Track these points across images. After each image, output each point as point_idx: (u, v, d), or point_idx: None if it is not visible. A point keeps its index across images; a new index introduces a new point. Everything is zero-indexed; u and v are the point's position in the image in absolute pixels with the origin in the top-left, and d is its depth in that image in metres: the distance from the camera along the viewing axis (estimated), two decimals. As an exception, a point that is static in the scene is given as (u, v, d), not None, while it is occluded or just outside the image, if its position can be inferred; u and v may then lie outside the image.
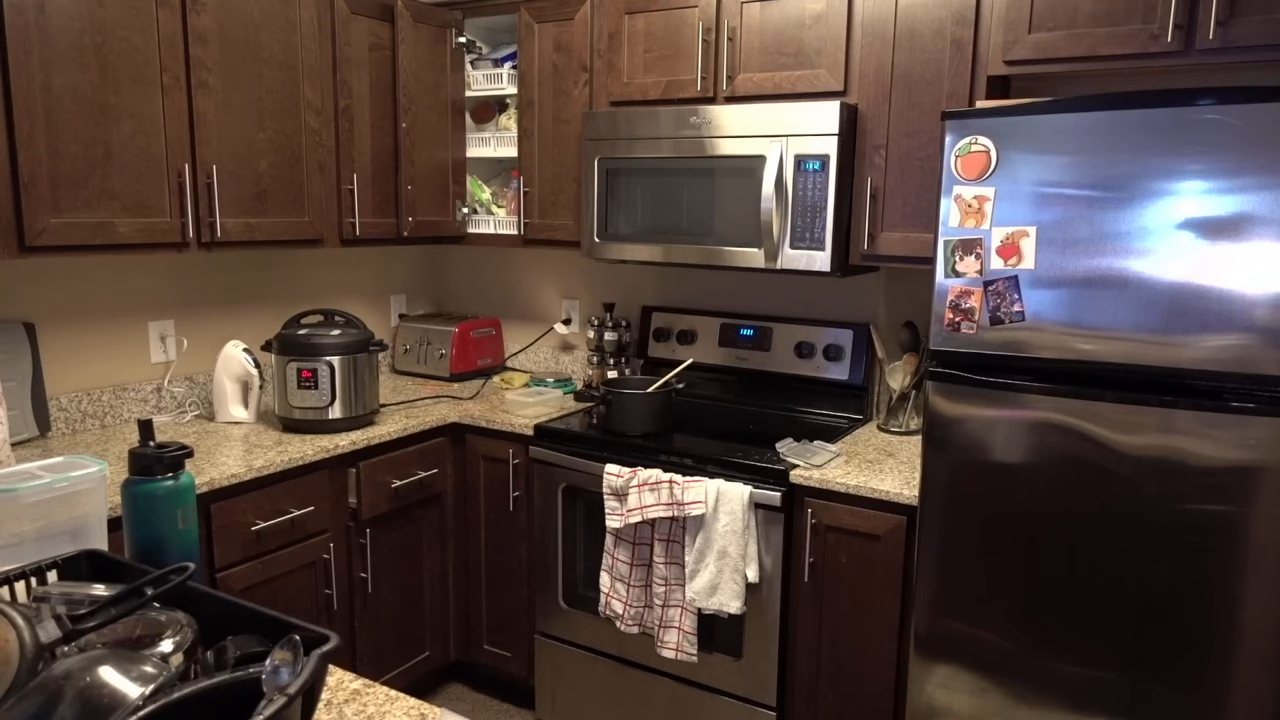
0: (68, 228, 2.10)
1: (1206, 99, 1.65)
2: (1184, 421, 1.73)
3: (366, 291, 3.43)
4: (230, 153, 2.45)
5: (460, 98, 3.17)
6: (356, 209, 2.84)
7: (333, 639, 0.98)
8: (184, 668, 0.99)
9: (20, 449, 2.30)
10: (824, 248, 2.39)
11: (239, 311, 2.96)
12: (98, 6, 2.11)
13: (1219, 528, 1.72)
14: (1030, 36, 2.12)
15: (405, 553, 2.79)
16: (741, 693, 2.42)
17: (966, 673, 2.02)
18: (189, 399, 2.81)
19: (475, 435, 2.86)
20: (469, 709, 2.97)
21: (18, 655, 0.91)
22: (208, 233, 2.41)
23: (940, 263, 1.93)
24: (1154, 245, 1.72)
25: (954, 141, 1.90)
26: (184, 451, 1.36)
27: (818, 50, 2.43)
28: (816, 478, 2.24)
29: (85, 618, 1.00)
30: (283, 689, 0.87)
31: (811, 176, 2.38)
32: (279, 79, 2.57)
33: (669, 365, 2.85)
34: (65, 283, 2.50)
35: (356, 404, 2.62)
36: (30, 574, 1.20)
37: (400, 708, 1.14)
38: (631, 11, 2.72)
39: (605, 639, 2.64)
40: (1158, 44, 1.97)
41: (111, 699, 0.86)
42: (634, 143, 2.66)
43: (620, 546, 2.47)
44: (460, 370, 3.30)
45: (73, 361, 2.53)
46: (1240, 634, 1.73)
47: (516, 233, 3.08)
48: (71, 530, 1.40)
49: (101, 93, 2.14)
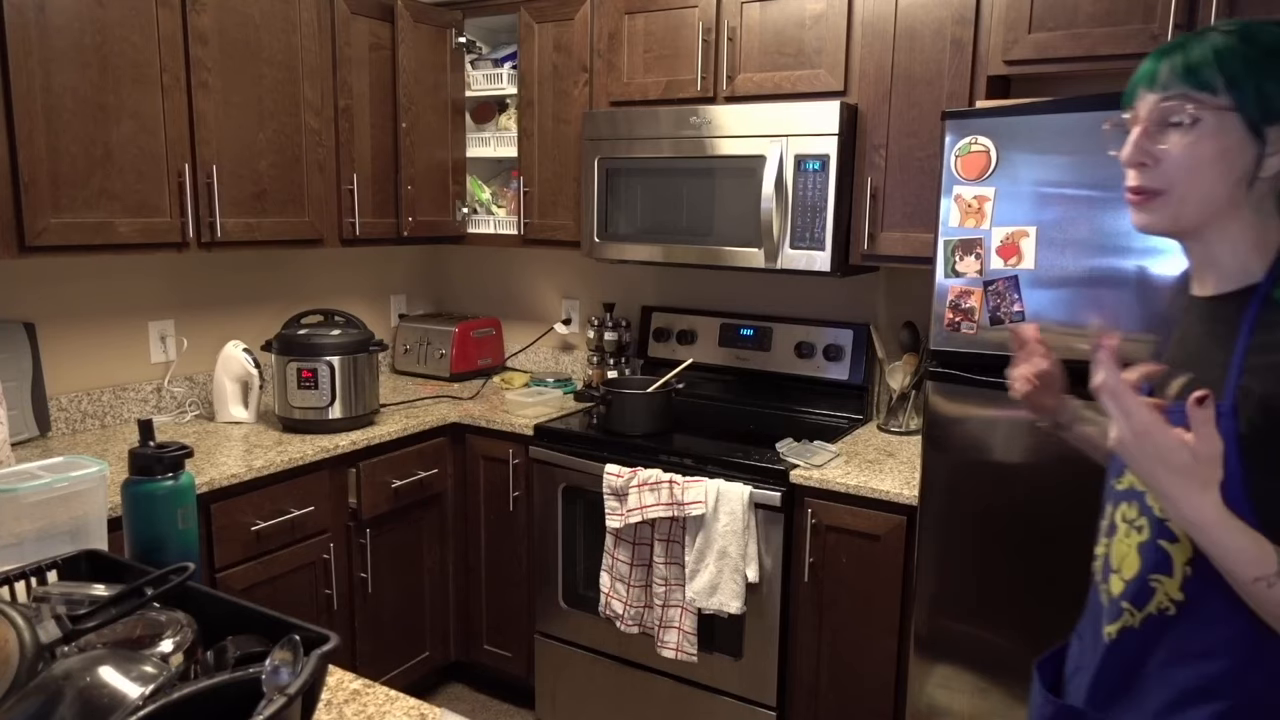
0: (68, 228, 2.10)
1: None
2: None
3: (366, 291, 3.43)
4: (230, 153, 2.45)
5: (460, 98, 3.17)
6: (356, 209, 2.84)
7: (332, 639, 0.98)
8: (184, 668, 0.99)
9: (20, 449, 2.30)
10: (824, 248, 2.39)
11: (239, 311, 2.96)
12: (98, 6, 2.11)
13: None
14: (1030, 36, 2.12)
15: (405, 553, 2.79)
16: (741, 693, 2.42)
17: (966, 673, 2.02)
18: (189, 399, 2.81)
19: (475, 435, 2.86)
20: (469, 709, 2.97)
21: (18, 655, 0.91)
22: (208, 233, 2.41)
23: (940, 263, 1.93)
24: (1154, 245, 1.72)
25: (954, 141, 1.90)
26: (184, 451, 1.36)
27: (818, 50, 2.43)
28: (816, 478, 2.24)
29: (85, 618, 1.00)
30: (283, 689, 0.87)
31: (811, 176, 2.38)
32: (279, 79, 2.57)
33: (669, 365, 2.85)
34: (65, 283, 2.50)
35: (356, 404, 2.62)
36: (30, 574, 1.20)
37: (400, 708, 1.14)
38: (631, 11, 2.72)
39: (605, 639, 2.64)
40: (1157, 44, 1.97)
41: (111, 699, 0.86)
42: (634, 143, 2.66)
43: (620, 546, 2.47)
44: (460, 370, 3.30)
45: (73, 361, 2.53)
46: (1240, 634, 1.72)
47: (516, 233, 3.08)
48: (71, 530, 1.40)
49: (101, 92, 2.14)
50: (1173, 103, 0.97)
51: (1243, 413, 0.95)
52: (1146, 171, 1.00)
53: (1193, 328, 1.08)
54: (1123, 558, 1.08)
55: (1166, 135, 0.98)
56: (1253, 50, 0.94)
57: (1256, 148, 0.95)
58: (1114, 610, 1.09)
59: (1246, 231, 1.00)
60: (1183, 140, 0.97)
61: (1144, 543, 1.05)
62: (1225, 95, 0.94)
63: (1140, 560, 1.05)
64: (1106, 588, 1.11)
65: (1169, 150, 0.98)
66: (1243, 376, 0.96)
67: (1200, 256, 1.06)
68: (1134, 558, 1.06)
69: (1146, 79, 1.00)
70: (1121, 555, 1.09)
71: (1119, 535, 1.10)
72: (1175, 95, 0.96)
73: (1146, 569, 1.04)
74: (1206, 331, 1.05)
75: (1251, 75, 0.94)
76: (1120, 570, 1.09)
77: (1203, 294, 1.07)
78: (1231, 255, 1.02)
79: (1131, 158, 1.01)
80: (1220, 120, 0.95)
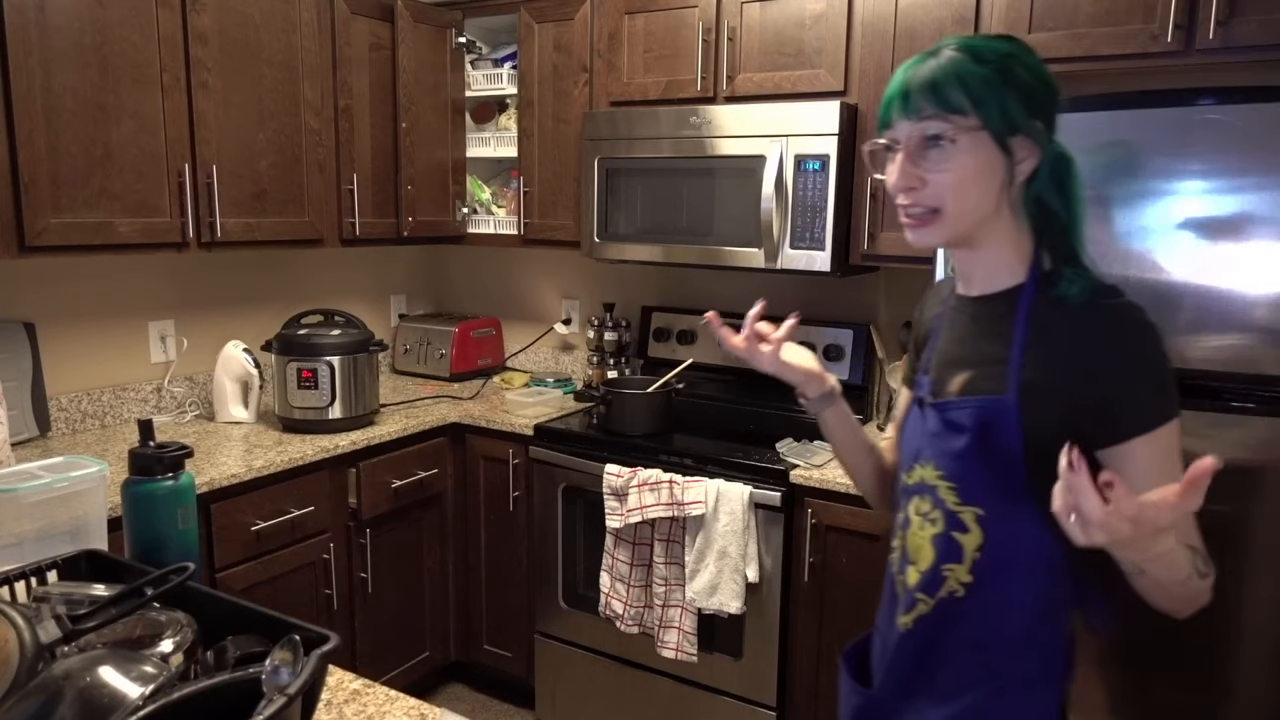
0: (68, 228, 2.10)
1: (1206, 99, 1.65)
2: (1184, 421, 1.73)
3: (366, 291, 3.43)
4: (230, 153, 2.45)
5: (460, 98, 3.17)
6: (356, 209, 2.84)
7: (333, 639, 0.98)
8: (184, 668, 0.99)
9: (20, 449, 2.30)
10: (824, 247, 2.39)
11: (239, 311, 2.96)
12: (98, 6, 2.11)
13: (1219, 528, 1.72)
14: (1030, 36, 2.12)
15: (405, 553, 2.79)
16: (741, 693, 2.42)
17: (966, 673, 2.01)
18: (189, 399, 2.81)
19: (475, 435, 2.86)
20: (469, 709, 2.97)
21: (18, 655, 0.91)
22: (208, 233, 2.41)
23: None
24: (1154, 245, 1.72)
25: (954, 141, 1.90)
26: (184, 451, 1.36)
27: (818, 50, 2.43)
28: (816, 478, 2.24)
29: (85, 618, 1.00)
30: (283, 689, 0.87)
31: (811, 176, 2.38)
32: (279, 79, 2.57)
33: (669, 365, 2.85)
34: (65, 283, 2.50)
35: (356, 404, 2.62)
36: (30, 574, 1.20)
37: (400, 708, 1.14)
38: (631, 11, 2.72)
39: (605, 639, 2.64)
40: (1158, 44, 1.97)
41: (111, 699, 0.86)
42: (634, 143, 2.66)
43: (620, 546, 2.47)
44: (460, 370, 3.30)
45: (73, 361, 2.53)
46: (1240, 634, 1.72)
47: (516, 233, 3.08)
48: (71, 530, 1.40)
49: (101, 93, 2.14)
50: (930, 126, 1.03)
51: (1025, 400, 1.04)
52: (917, 193, 1.06)
53: (964, 326, 1.15)
54: (918, 550, 1.14)
55: (928, 156, 1.04)
56: (987, 69, 1.02)
57: (1007, 158, 1.04)
58: (909, 600, 1.15)
59: (1007, 235, 1.09)
60: (945, 160, 1.03)
61: (937, 535, 1.11)
62: (974, 115, 1.02)
63: (934, 552, 1.11)
64: (903, 579, 1.17)
65: (934, 171, 1.04)
66: (1024, 371, 1.04)
67: (968, 261, 1.14)
68: (929, 550, 1.12)
69: (900, 105, 1.05)
70: (917, 547, 1.14)
71: (913, 528, 1.15)
72: (930, 118, 1.03)
73: (940, 559, 1.11)
74: (979, 330, 1.13)
75: (993, 94, 1.02)
76: (916, 562, 1.14)
77: (971, 294, 1.16)
78: (997, 258, 1.11)
79: (901, 183, 1.06)
80: (974, 139, 1.02)
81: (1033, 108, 1.03)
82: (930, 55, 1.05)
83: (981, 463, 1.06)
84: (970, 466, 1.07)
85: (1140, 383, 1.00)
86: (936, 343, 1.20)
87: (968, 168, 1.03)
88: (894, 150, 1.07)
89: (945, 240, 1.09)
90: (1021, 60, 1.04)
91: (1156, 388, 1.01)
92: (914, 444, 1.17)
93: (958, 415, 1.08)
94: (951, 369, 1.14)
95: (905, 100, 1.04)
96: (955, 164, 1.03)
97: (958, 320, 1.17)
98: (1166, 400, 1.01)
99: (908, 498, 1.17)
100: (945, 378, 1.14)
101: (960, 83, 1.02)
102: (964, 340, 1.14)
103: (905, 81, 1.05)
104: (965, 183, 1.04)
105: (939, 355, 1.17)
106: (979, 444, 1.06)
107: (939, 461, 1.11)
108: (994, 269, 1.11)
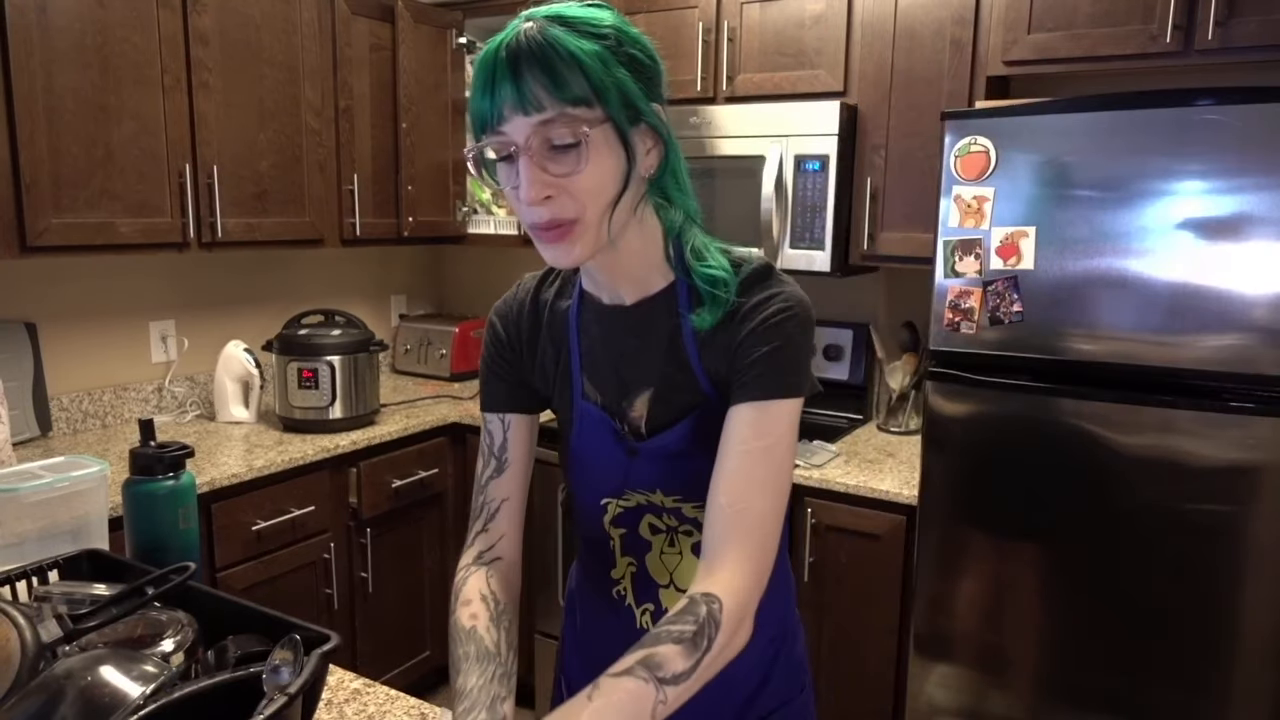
0: (69, 228, 2.11)
1: (1206, 99, 1.66)
2: (1184, 421, 1.74)
3: (366, 291, 3.44)
4: (231, 153, 2.45)
5: (460, 98, 3.17)
6: (357, 209, 2.84)
7: (333, 638, 0.98)
8: (185, 667, 1.00)
9: (21, 449, 2.31)
10: (824, 248, 2.39)
11: (240, 311, 2.97)
12: (99, 7, 2.11)
13: (1219, 528, 1.72)
14: (1030, 37, 2.12)
15: (406, 552, 2.80)
16: (741, 692, 2.42)
17: (966, 672, 2.02)
18: (190, 399, 2.81)
19: (476, 435, 2.86)
20: (469, 708, 2.97)
21: (19, 654, 0.92)
22: (208, 233, 2.41)
23: (940, 263, 1.93)
24: (1153, 245, 1.72)
25: (954, 142, 1.90)
26: (185, 451, 1.36)
27: (817, 50, 2.43)
28: (816, 478, 2.24)
29: (86, 617, 1.00)
30: (283, 688, 0.87)
31: (811, 177, 2.38)
32: (279, 79, 2.57)
33: (669, 365, 2.84)
34: (66, 283, 2.50)
35: (357, 404, 2.62)
36: (31, 573, 1.20)
37: (400, 707, 1.15)
38: (631, 12, 2.72)
39: (605, 639, 2.64)
40: (1157, 44, 1.98)
41: (113, 698, 0.86)
42: (634, 143, 2.65)
43: (620, 546, 2.47)
44: (460, 370, 3.30)
45: (74, 361, 2.53)
46: (1240, 634, 1.73)
47: (516, 233, 3.08)
48: (72, 530, 1.41)
49: (102, 93, 2.14)
50: (555, 129, 0.85)
51: (717, 389, 1.00)
52: (553, 203, 0.88)
53: (620, 340, 1.04)
54: (676, 567, 1.09)
55: (558, 160, 0.87)
56: (600, 47, 0.86)
57: (629, 150, 0.90)
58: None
59: (645, 234, 0.99)
60: (578, 162, 0.87)
61: (696, 543, 1.06)
62: (598, 106, 0.86)
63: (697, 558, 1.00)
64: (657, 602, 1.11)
65: (569, 176, 0.87)
66: (707, 372, 1.00)
67: (611, 269, 1.01)
68: (692, 560, 1.07)
69: (513, 99, 0.85)
70: (672, 566, 1.09)
71: (655, 550, 1.09)
72: (554, 119, 0.85)
73: None
74: (641, 342, 1.03)
75: (609, 76, 0.86)
76: (677, 580, 1.09)
77: (619, 303, 1.04)
78: (642, 261, 1.00)
79: (536, 194, 0.87)
80: (603, 133, 0.87)
81: (651, 90, 0.91)
82: (524, 34, 0.85)
83: (705, 461, 0.97)
84: (699, 473, 0.98)
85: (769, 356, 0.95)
86: (577, 360, 1.07)
87: (606, 167, 0.88)
88: (513, 158, 0.88)
89: (590, 253, 0.92)
90: (627, 33, 0.89)
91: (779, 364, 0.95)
92: (610, 474, 1.07)
93: (675, 442, 1.02)
94: (626, 390, 1.04)
95: (519, 92, 0.84)
96: (589, 164, 0.87)
97: (611, 334, 1.04)
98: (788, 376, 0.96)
99: (620, 525, 1.09)
100: (622, 398, 1.05)
101: (581, 68, 0.84)
102: (624, 357, 1.04)
103: (510, 69, 0.85)
104: (604, 186, 0.89)
105: (598, 374, 1.06)
106: (701, 451, 0.98)
107: (667, 486, 1.05)
108: (639, 274, 1.01)
